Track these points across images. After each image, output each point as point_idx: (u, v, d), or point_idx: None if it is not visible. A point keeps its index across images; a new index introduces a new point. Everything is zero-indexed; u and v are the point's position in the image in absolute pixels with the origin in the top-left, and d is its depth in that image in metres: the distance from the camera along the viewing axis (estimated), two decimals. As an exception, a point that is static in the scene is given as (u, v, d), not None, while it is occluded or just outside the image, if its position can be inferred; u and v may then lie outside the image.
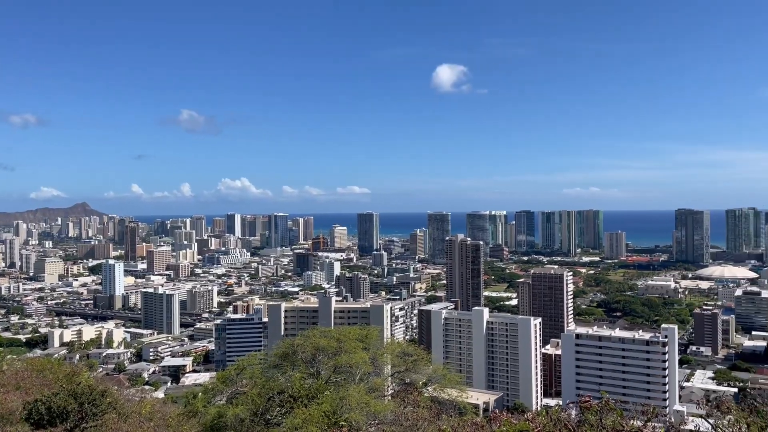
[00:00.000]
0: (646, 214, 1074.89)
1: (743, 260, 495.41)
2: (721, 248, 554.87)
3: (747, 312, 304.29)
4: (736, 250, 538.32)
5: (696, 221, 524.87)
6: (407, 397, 34.97)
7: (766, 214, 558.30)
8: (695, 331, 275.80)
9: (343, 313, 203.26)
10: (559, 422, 9.44)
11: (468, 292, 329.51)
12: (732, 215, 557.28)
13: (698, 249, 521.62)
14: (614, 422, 9.49)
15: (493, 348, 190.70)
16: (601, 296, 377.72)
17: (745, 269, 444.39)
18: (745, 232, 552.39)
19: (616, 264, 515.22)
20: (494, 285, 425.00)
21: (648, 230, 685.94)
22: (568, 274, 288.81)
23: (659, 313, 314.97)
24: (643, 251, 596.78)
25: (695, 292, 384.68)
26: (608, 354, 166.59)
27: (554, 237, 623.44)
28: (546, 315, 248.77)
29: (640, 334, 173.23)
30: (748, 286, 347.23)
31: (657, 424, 13.49)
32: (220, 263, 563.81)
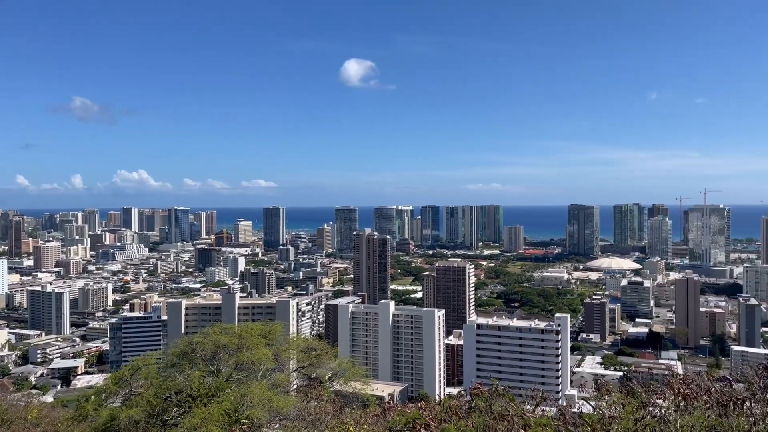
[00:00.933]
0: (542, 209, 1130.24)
1: (628, 252, 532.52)
2: (609, 241, 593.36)
3: (631, 301, 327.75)
4: (622, 242, 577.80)
5: (587, 216, 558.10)
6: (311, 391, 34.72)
7: (648, 209, 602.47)
8: (585, 319, 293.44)
9: (247, 310, 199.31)
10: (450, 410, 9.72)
11: (375, 285, 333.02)
12: (619, 210, 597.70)
13: (589, 242, 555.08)
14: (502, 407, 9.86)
15: (399, 340, 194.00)
16: (500, 288, 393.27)
17: (630, 261, 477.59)
18: (630, 226, 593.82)
19: (514, 257, 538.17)
20: (400, 278, 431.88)
21: (544, 224, 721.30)
22: (470, 267, 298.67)
23: (553, 303, 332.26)
24: (540, 244, 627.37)
25: (586, 283, 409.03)
26: (507, 343, 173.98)
27: (458, 231, 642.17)
28: (449, 307, 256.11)
29: (536, 323, 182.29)
30: (632, 277, 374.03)
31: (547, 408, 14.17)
32: (115, 259, 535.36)
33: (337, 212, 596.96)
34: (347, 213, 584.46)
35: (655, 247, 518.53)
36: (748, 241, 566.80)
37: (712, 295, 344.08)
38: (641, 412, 10.42)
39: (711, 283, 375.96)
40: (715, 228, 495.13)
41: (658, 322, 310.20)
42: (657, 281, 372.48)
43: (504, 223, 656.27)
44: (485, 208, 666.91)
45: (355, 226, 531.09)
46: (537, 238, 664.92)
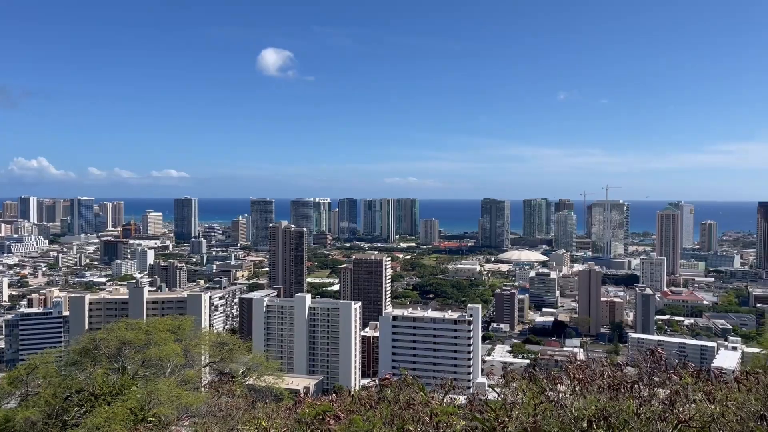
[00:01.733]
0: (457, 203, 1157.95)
1: (537, 245, 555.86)
2: (519, 234, 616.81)
3: (539, 291, 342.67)
4: (531, 236, 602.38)
5: (499, 210, 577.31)
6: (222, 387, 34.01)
7: (555, 204, 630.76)
8: (496, 309, 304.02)
9: (156, 304, 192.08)
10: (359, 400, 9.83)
11: (291, 278, 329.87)
12: (528, 205, 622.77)
13: (500, 235, 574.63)
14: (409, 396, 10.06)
15: (315, 333, 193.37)
16: (416, 280, 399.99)
17: (538, 253, 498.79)
18: (538, 220, 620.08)
19: (430, 249, 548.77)
20: (317, 271, 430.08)
21: (458, 218, 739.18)
22: (386, 260, 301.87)
23: (466, 294, 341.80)
24: (454, 237, 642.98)
25: (497, 274, 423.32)
26: (421, 334, 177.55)
27: (375, 224, 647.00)
28: (366, 299, 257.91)
29: (450, 314, 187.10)
30: (540, 269, 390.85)
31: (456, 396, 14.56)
32: (11, 252, 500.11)
33: (252, 204, 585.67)
34: (263, 205, 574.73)
35: (561, 240, 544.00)
36: (644, 235, 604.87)
37: (612, 285, 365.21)
38: (540, 397, 10.88)
39: (611, 274, 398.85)
40: (615, 222, 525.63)
41: (563, 311, 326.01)
42: (562, 273, 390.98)
43: (420, 216, 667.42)
44: (402, 201, 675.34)
45: (271, 219, 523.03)
46: (452, 231, 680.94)
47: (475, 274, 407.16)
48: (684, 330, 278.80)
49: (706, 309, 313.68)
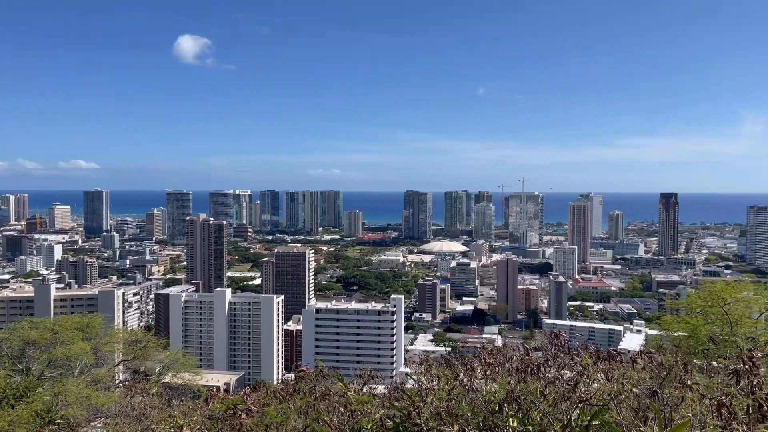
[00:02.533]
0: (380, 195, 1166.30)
1: (457, 236, 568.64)
2: (440, 226, 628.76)
3: (460, 281, 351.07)
4: (452, 227, 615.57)
5: (421, 202, 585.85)
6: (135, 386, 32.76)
7: (475, 196, 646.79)
8: (419, 299, 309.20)
9: (65, 302, 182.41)
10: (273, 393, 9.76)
11: (210, 273, 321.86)
12: (449, 197, 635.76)
13: (422, 226, 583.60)
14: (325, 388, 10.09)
15: (236, 328, 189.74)
16: (340, 272, 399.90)
17: (459, 244, 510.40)
18: (459, 211, 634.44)
19: (354, 241, 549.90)
20: (238, 265, 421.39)
21: (382, 210, 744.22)
22: (310, 252, 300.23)
23: (390, 285, 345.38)
24: (378, 229, 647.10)
25: (420, 265, 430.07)
26: (345, 326, 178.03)
27: (298, 216, 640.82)
28: (289, 292, 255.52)
29: (373, 306, 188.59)
30: (460, 259, 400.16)
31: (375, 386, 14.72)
32: None
33: (168, 196, 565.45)
34: (180, 197, 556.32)
35: (480, 230, 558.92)
36: (557, 225, 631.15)
37: (528, 273, 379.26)
38: (454, 382, 11.17)
39: (527, 263, 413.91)
40: (531, 213, 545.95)
41: (483, 299, 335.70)
42: (482, 262, 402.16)
43: (344, 208, 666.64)
44: (326, 193, 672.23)
45: (188, 211, 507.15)
46: (375, 223, 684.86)
47: (398, 265, 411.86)
48: (594, 315, 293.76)
49: (613, 295, 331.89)
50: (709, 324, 19.48)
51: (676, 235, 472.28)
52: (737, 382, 8.36)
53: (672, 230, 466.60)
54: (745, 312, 19.63)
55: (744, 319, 18.81)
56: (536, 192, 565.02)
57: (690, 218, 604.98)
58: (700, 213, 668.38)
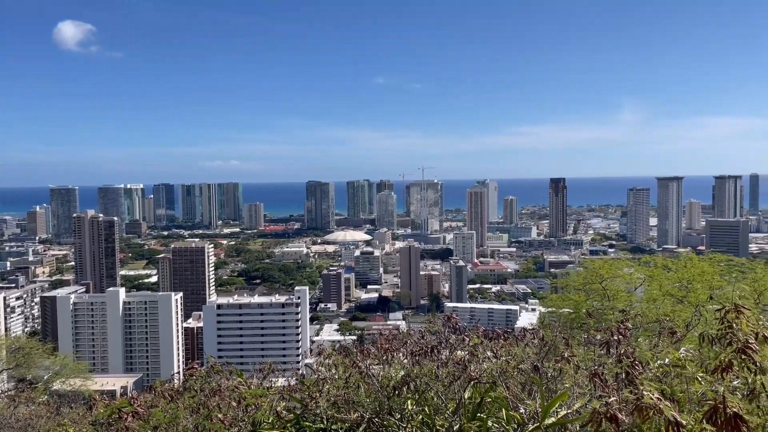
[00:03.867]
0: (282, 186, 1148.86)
1: (361, 225, 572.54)
2: (344, 215, 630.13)
3: (364, 269, 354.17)
4: (355, 216, 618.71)
5: (323, 192, 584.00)
6: (20, 395, 30.56)
7: (377, 185, 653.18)
8: (324, 289, 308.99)
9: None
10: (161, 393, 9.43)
11: (101, 272, 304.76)
12: (352, 186, 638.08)
13: (325, 217, 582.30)
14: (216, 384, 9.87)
15: (132, 329, 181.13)
16: (242, 266, 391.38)
17: (362, 233, 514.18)
18: (362, 200, 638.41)
19: (255, 234, 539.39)
20: (132, 263, 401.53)
21: (284, 200, 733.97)
22: (209, 247, 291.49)
23: (294, 277, 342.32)
24: (280, 221, 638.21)
25: (323, 256, 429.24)
26: (248, 320, 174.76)
27: (195, 210, 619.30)
28: (188, 289, 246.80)
29: (277, 298, 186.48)
30: (364, 247, 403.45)
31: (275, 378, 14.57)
32: None
33: (52, 192, 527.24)
34: (65, 193, 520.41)
35: (383, 219, 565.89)
36: (456, 211, 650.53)
37: (429, 259, 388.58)
38: (351, 370, 11.28)
39: (429, 249, 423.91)
40: (431, 200, 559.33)
41: (387, 287, 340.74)
42: (385, 250, 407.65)
43: (244, 200, 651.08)
44: (224, 185, 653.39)
45: (75, 208, 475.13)
46: (277, 214, 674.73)
47: (302, 256, 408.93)
48: (492, 296, 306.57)
49: (510, 276, 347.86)
50: (589, 300, 20.93)
51: (565, 217, 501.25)
52: (608, 352, 9.04)
53: (561, 213, 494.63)
54: (621, 287, 21.26)
55: (620, 294, 20.37)
56: (435, 180, 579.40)
57: (577, 201, 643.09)
58: (586, 196, 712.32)
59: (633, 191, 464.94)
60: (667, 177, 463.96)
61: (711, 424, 6.02)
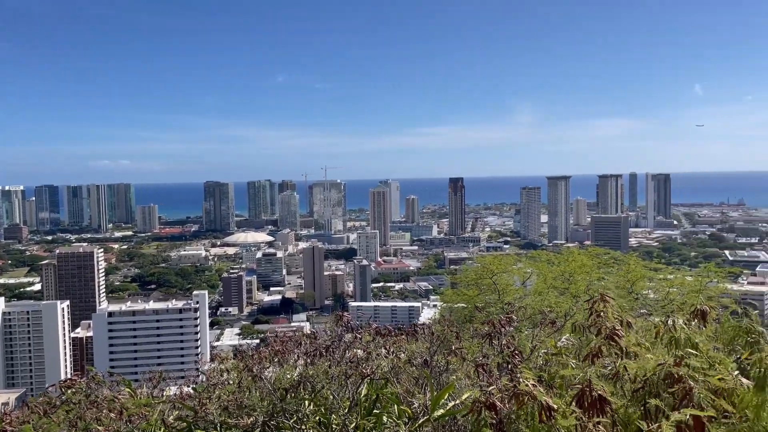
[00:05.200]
0: (178, 187, 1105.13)
1: (262, 226, 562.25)
2: (244, 216, 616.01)
3: (266, 271, 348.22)
4: (256, 217, 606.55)
5: (222, 193, 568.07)
6: None
7: (279, 185, 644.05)
8: (224, 293, 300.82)
9: None
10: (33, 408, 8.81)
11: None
12: (253, 186, 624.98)
13: (225, 218, 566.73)
14: (94, 395, 9.37)
15: (13, 341, 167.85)
16: (135, 271, 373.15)
17: (264, 234, 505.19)
18: (263, 201, 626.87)
19: (149, 237, 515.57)
20: (12, 270, 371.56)
21: (181, 202, 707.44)
22: (99, 252, 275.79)
23: (192, 281, 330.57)
24: (176, 223, 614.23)
25: (224, 258, 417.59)
26: (143, 327, 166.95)
27: (83, 213, 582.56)
28: (76, 296, 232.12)
29: (174, 304, 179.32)
30: (266, 249, 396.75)
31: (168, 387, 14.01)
32: None
33: None
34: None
35: (285, 219, 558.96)
36: (360, 211, 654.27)
37: (333, 259, 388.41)
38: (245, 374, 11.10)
39: (333, 250, 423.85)
40: (334, 200, 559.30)
41: (290, 288, 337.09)
42: (288, 251, 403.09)
43: (137, 202, 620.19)
44: (114, 186, 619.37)
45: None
46: (173, 216, 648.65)
47: (200, 259, 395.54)
48: (395, 294, 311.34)
49: (412, 274, 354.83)
50: (481, 294, 21.83)
51: (463, 215, 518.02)
52: (491, 344, 9.47)
53: (460, 212, 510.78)
54: (510, 281, 22.33)
55: (510, 287, 21.40)
56: (339, 180, 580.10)
57: (475, 200, 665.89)
58: (483, 195, 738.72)
59: (525, 190, 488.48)
60: (556, 176, 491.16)
61: (579, 407, 6.47)
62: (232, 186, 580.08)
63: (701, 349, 6.60)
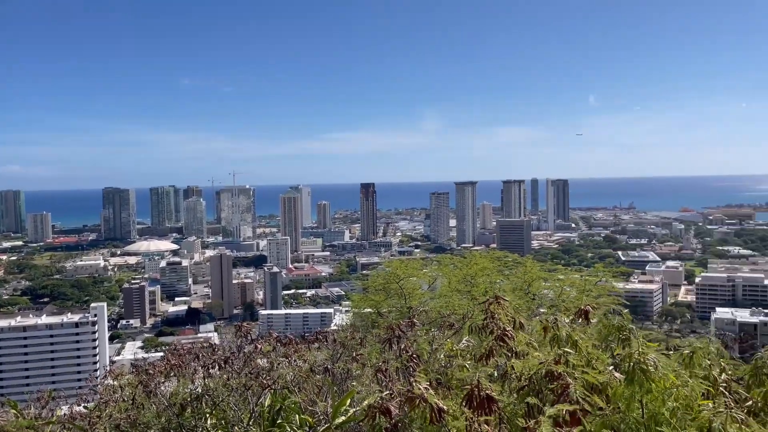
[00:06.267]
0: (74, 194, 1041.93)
1: (167, 234, 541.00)
2: (147, 224, 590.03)
3: (171, 281, 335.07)
4: (160, 224, 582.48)
5: (123, 199, 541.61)
6: None
7: (184, 191, 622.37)
8: (125, 305, 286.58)
9: None
10: None
11: None
12: (155, 193, 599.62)
13: (126, 226, 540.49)
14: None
15: None
16: (26, 283, 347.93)
17: (169, 242, 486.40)
18: (167, 208, 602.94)
19: (42, 247, 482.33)
20: None
21: (77, 209, 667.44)
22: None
23: (90, 293, 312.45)
24: (72, 231, 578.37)
25: (125, 268, 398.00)
26: (35, 344, 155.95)
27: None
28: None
29: (69, 317, 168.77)
30: (171, 258, 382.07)
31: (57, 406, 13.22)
32: None
33: None
34: None
35: (191, 227, 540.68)
36: (270, 217, 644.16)
37: (243, 267, 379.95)
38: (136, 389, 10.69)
39: (242, 257, 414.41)
40: (243, 206, 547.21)
41: (197, 298, 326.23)
42: (194, 260, 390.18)
43: (27, 210, 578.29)
44: (2, 193, 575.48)
45: None
46: (69, 224, 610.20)
47: (99, 270, 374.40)
48: (307, 301, 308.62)
49: (324, 280, 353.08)
50: (388, 299, 22.16)
51: (375, 220, 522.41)
52: (390, 348, 9.63)
53: (371, 216, 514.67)
54: (416, 285, 22.82)
55: (415, 292, 21.87)
56: (248, 185, 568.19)
57: (386, 205, 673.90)
58: (394, 200, 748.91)
59: (435, 195, 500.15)
60: (464, 182, 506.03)
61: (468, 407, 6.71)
62: (133, 192, 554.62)
63: (580, 346, 7.04)
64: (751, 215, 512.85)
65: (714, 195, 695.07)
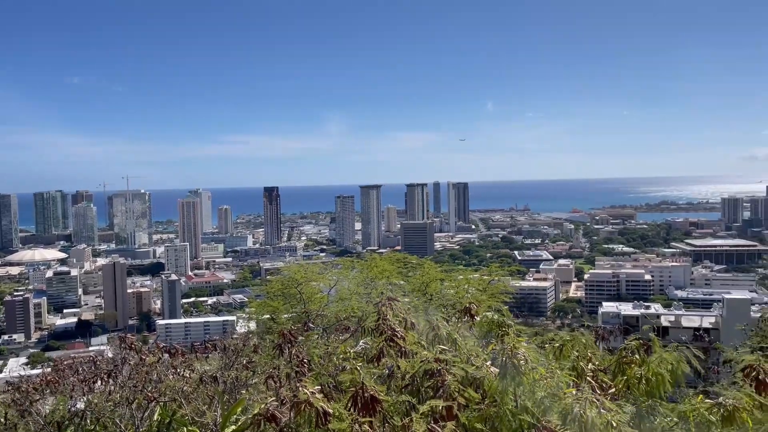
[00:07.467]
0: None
1: (53, 242, 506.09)
2: (31, 232, 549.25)
3: (59, 292, 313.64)
4: (45, 232, 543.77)
5: (4, 205, 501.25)
6: None
7: (73, 196, 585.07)
8: (7, 318, 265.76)
9: None
10: None
11: None
12: (40, 198, 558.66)
13: (7, 234, 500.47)
14: None
15: None
16: None
17: (56, 251, 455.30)
18: (54, 214, 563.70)
19: None
20: None
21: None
22: None
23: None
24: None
25: (6, 279, 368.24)
26: None
27: None
28: None
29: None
30: (58, 267, 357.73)
31: None
32: None
33: None
34: None
35: (81, 234, 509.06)
36: (168, 223, 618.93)
37: (138, 276, 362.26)
38: (9, 408, 10.02)
39: (137, 265, 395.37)
40: (138, 212, 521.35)
41: (88, 309, 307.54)
42: (85, 269, 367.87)
43: None
44: None
45: None
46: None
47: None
48: (208, 309, 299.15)
49: (226, 287, 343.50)
50: (287, 304, 21.97)
51: (279, 225, 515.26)
52: (282, 354, 9.59)
53: (276, 221, 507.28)
54: (316, 289, 22.79)
55: (315, 296, 21.84)
56: (143, 190, 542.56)
57: (291, 209, 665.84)
58: (299, 204, 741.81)
59: (340, 199, 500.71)
60: (369, 185, 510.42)
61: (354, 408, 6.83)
62: (15, 198, 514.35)
63: (459, 343, 7.35)
64: (632, 215, 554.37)
65: (600, 197, 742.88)
